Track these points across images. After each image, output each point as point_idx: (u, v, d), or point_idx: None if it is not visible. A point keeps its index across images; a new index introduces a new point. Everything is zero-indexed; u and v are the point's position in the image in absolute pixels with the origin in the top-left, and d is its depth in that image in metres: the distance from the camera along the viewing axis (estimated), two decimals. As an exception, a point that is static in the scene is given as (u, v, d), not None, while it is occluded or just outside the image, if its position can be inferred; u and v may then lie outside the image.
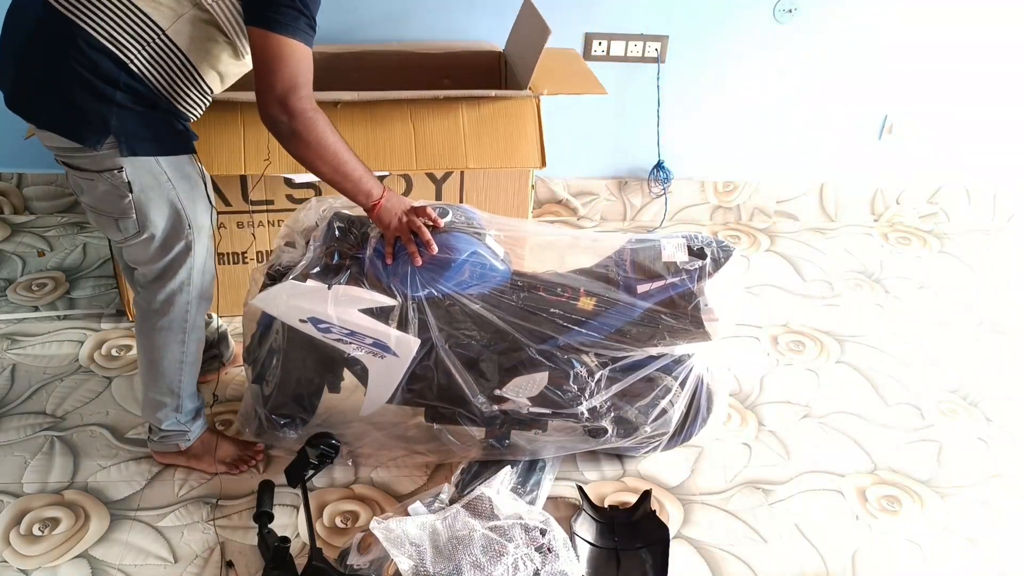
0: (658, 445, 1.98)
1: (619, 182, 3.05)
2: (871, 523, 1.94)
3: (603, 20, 2.76)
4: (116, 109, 1.52)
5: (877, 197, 3.17)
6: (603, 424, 1.89)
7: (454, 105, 2.24)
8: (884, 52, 2.90)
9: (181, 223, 1.67)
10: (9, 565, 1.74)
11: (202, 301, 1.79)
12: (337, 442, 1.95)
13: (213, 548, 1.80)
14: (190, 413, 1.90)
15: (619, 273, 1.81)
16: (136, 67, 1.51)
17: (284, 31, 1.48)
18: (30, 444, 2.02)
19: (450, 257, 1.74)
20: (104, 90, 1.50)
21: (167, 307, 1.75)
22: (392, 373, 1.83)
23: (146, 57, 1.51)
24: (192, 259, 1.71)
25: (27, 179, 2.89)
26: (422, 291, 1.74)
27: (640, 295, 1.77)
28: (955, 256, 3.02)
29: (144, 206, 1.62)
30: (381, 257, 1.75)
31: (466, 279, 1.75)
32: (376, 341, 1.76)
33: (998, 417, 2.27)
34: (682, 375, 1.85)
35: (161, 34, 1.51)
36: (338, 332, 1.76)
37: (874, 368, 2.42)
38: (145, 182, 1.59)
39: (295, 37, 1.49)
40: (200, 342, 1.86)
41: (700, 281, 1.76)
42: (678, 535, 1.88)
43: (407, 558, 1.62)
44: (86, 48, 1.47)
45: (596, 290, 1.80)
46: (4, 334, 2.37)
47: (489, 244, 1.80)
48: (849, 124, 3.02)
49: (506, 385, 1.83)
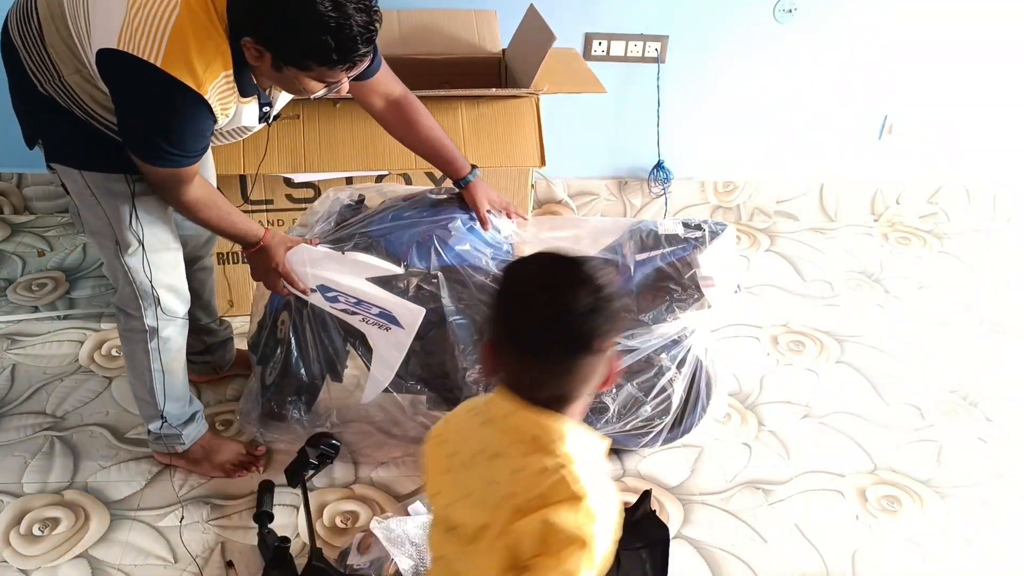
0: (659, 434, 1.97)
1: (619, 182, 3.05)
2: (871, 523, 1.94)
3: (603, 20, 2.76)
4: (44, 122, 1.61)
5: (877, 197, 3.17)
6: (604, 400, 1.88)
7: (453, 104, 2.24)
8: (884, 52, 2.89)
9: (108, 235, 1.68)
10: (9, 565, 1.74)
11: (164, 314, 1.77)
12: (337, 442, 1.95)
13: (213, 548, 1.80)
14: (179, 418, 1.89)
15: (619, 252, 1.88)
16: (47, 93, 1.56)
17: (149, 161, 1.52)
18: (30, 444, 2.02)
19: (457, 227, 1.80)
20: (30, 106, 1.61)
21: (124, 314, 1.79)
22: (397, 347, 1.82)
23: (53, 89, 1.56)
24: (130, 271, 1.71)
25: (27, 179, 2.89)
26: (427, 261, 1.79)
27: (639, 263, 1.83)
28: (955, 256, 3.02)
29: (80, 209, 1.69)
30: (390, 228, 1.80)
31: (469, 250, 1.81)
32: (382, 311, 1.77)
33: (998, 417, 2.26)
34: (680, 354, 1.87)
35: (61, 76, 1.54)
36: (345, 301, 1.77)
37: (874, 368, 2.42)
38: (73, 188, 1.66)
39: (160, 165, 1.52)
40: (174, 351, 1.83)
41: (697, 250, 1.83)
42: (678, 535, 1.88)
43: (407, 558, 1.62)
44: (18, 68, 1.57)
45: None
46: (4, 334, 2.37)
47: (493, 221, 1.88)
48: (849, 124, 3.02)
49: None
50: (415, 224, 1.83)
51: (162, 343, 1.80)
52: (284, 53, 1.43)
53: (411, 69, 2.53)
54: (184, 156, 1.51)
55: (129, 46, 1.38)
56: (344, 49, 1.40)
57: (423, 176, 2.33)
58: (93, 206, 1.65)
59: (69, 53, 1.50)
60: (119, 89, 1.47)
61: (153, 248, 1.70)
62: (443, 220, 1.84)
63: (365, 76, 1.71)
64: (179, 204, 1.62)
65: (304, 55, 1.42)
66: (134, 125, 1.49)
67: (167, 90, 1.41)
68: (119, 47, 1.39)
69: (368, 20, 1.41)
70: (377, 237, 1.81)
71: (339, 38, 1.39)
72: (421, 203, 1.88)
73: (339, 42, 1.39)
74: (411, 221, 1.83)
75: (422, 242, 1.80)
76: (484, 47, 2.58)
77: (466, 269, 1.82)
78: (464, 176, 1.87)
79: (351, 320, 1.80)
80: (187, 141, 1.50)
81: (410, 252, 1.80)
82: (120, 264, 1.70)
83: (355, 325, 1.81)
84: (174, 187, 1.57)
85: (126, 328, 1.80)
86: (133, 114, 1.48)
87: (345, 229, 1.83)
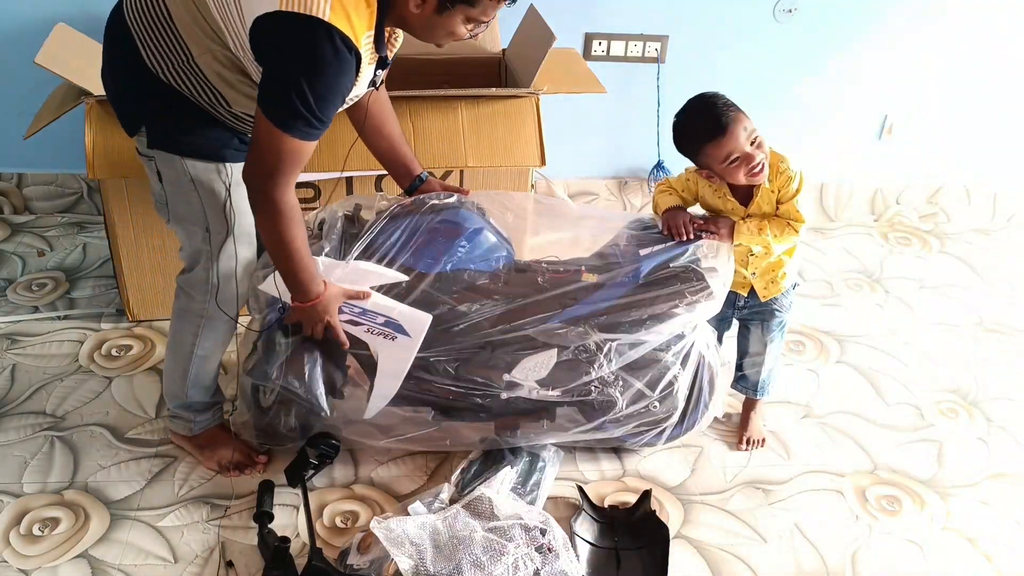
0: (662, 432, 1.97)
1: (619, 182, 3.05)
2: (871, 523, 1.94)
3: (603, 20, 2.77)
4: (153, 109, 1.64)
5: (877, 197, 3.18)
6: (613, 394, 1.87)
7: (453, 103, 2.24)
8: (884, 52, 2.90)
9: (199, 221, 1.73)
10: (9, 565, 1.74)
11: (223, 303, 1.81)
12: (337, 442, 1.95)
13: (213, 548, 1.80)
14: (198, 404, 1.93)
15: (617, 251, 1.92)
16: (166, 79, 1.60)
17: (280, 125, 1.51)
18: (30, 444, 2.02)
19: (457, 231, 1.80)
20: (141, 93, 1.64)
21: (186, 295, 1.83)
22: (402, 357, 1.81)
23: (175, 73, 1.59)
24: (212, 260, 1.76)
25: (27, 179, 2.89)
26: (432, 267, 1.79)
27: (643, 257, 1.87)
28: (955, 256, 3.02)
29: (171, 196, 1.73)
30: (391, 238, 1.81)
31: (472, 255, 1.82)
32: (388, 320, 1.76)
33: (998, 417, 2.27)
34: (684, 349, 1.87)
35: (190, 58, 1.57)
36: (349, 312, 1.76)
37: (874, 368, 2.42)
38: (169, 175, 1.69)
39: (289, 132, 1.51)
40: (219, 343, 1.88)
41: (698, 241, 1.90)
42: (678, 535, 1.88)
43: (407, 558, 1.62)
44: (131, 55, 1.60)
45: (597, 263, 1.90)
46: (4, 334, 2.37)
47: (494, 225, 1.88)
48: (849, 124, 3.02)
49: (515, 368, 1.84)
50: (418, 230, 1.83)
51: (212, 331, 1.84)
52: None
53: (411, 69, 2.54)
54: (318, 122, 1.52)
55: (295, 6, 1.43)
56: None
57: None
58: (188, 192, 1.69)
59: (203, 33, 1.54)
60: (280, 50, 1.48)
61: (239, 239, 1.75)
62: (445, 224, 1.84)
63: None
64: (273, 200, 1.57)
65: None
66: (287, 84, 1.48)
67: (333, 42, 1.45)
68: (283, 8, 1.43)
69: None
70: (380, 245, 1.80)
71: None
72: (421, 209, 1.87)
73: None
74: (413, 227, 1.83)
75: (426, 248, 1.80)
76: (484, 47, 2.58)
77: (471, 273, 1.83)
78: (419, 173, 1.94)
79: (355, 331, 1.79)
80: (332, 100, 1.52)
81: (414, 258, 1.79)
82: (207, 248, 1.75)
83: (359, 336, 1.80)
84: (290, 169, 1.55)
85: (184, 308, 1.84)
86: (289, 73, 1.48)
87: (348, 241, 1.82)
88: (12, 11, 2.59)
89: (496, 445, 1.96)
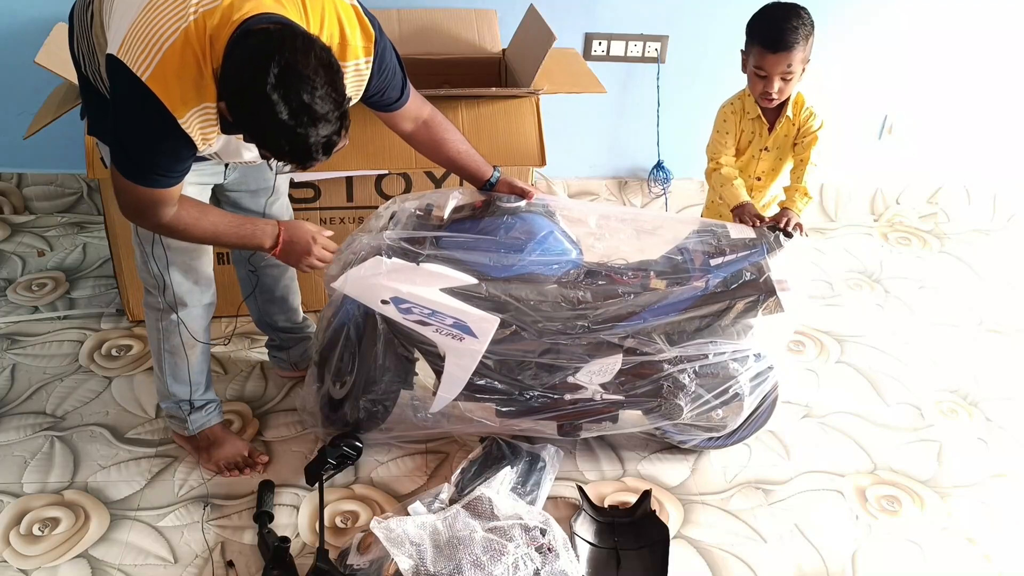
0: (714, 438, 2.01)
1: (619, 182, 3.05)
2: (871, 523, 1.94)
3: (603, 20, 2.76)
4: (87, 99, 1.68)
5: (877, 197, 3.17)
6: (680, 403, 1.87)
7: (453, 103, 2.24)
8: (884, 52, 2.90)
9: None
10: (9, 565, 1.74)
11: (183, 296, 1.80)
12: (360, 443, 1.95)
13: (213, 548, 1.80)
14: (185, 404, 1.92)
15: (687, 257, 1.88)
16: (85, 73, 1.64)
17: (125, 175, 1.51)
18: (30, 444, 2.02)
19: (528, 237, 1.79)
20: (81, 81, 1.67)
21: (146, 290, 1.83)
22: (470, 357, 1.82)
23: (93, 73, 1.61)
24: (145, 251, 1.75)
25: (27, 179, 2.89)
26: (501, 271, 1.78)
27: (714, 267, 1.84)
28: (955, 256, 3.02)
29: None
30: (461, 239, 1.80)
31: (541, 258, 1.81)
32: (456, 321, 1.77)
33: (998, 417, 2.27)
34: (762, 375, 1.87)
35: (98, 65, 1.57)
36: (419, 313, 1.76)
37: (874, 368, 2.42)
38: (108, 163, 1.68)
39: (135, 183, 1.50)
40: (186, 336, 1.85)
41: (770, 253, 1.85)
42: (678, 535, 1.88)
43: (407, 557, 1.62)
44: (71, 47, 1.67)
45: (666, 269, 1.88)
46: (4, 334, 2.37)
47: (563, 227, 1.87)
48: (849, 124, 3.02)
49: (580, 372, 1.84)
50: (488, 234, 1.81)
51: (173, 325, 1.83)
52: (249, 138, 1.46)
53: (411, 69, 2.53)
54: (158, 176, 1.50)
55: (126, 55, 1.40)
56: (300, 157, 1.41)
57: (423, 176, 2.33)
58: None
59: (99, 49, 1.54)
60: (112, 98, 1.49)
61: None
62: (515, 227, 1.82)
63: (393, 108, 1.73)
64: (159, 227, 1.60)
65: (262, 146, 1.44)
66: (115, 138, 1.50)
67: (147, 104, 1.40)
68: (118, 54, 1.40)
69: (332, 131, 1.40)
70: (452, 248, 1.79)
71: (296, 147, 1.39)
72: (491, 211, 1.86)
73: (295, 150, 1.40)
74: (484, 231, 1.81)
75: (495, 250, 1.79)
76: (484, 47, 2.58)
77: (539, 277, 1.81)
78: (489, 178, 1.89)
79: (424, 331, 1.79)
80: (156, 160, 1.49)
81: (483, 260, 1.78)
82: (137, 240, 1.75)
83: (428, 335, 1.80)
84: (150, 208, 1.55)
85: (146, 303, 1.86)
86: (115, 126, 1.49)
87: (417, 242, 1.80)
88: (12, 11, 2.59)
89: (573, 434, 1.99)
